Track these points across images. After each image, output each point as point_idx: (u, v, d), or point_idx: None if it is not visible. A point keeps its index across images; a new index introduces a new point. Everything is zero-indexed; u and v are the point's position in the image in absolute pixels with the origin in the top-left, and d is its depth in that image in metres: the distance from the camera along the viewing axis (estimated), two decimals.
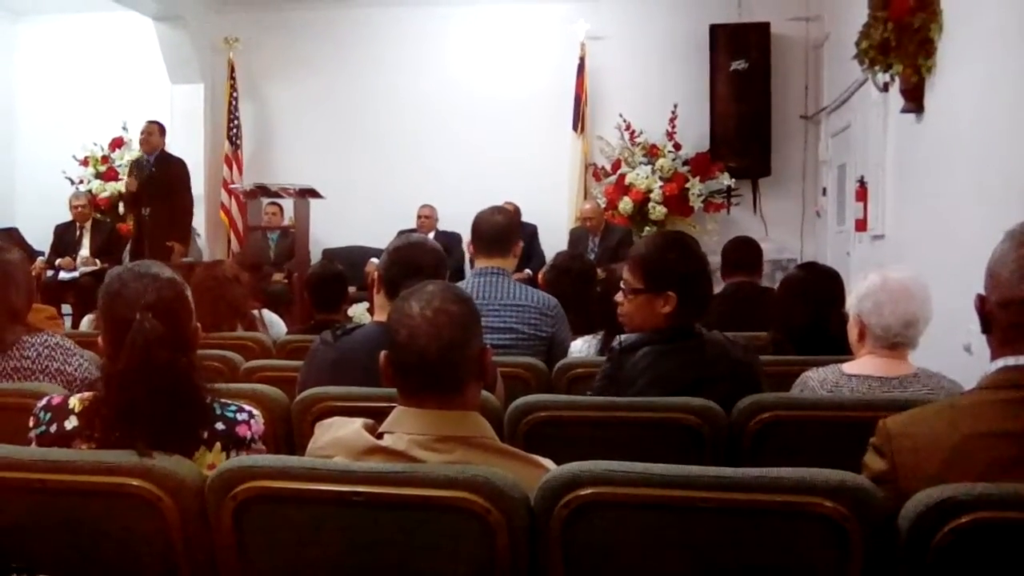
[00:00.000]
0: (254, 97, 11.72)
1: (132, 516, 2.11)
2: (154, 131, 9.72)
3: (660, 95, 10.56)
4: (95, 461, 2.13)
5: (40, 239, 10.35)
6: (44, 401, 2.37)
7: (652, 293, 3.13)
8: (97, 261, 9.89)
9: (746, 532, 1.88)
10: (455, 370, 2.10)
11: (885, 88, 6.70)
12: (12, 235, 9.98)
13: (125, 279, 2.35)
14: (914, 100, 6.03)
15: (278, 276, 10.21)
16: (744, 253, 5.77)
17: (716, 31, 10.41)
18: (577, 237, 9.88)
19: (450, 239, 10.15)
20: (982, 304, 2.07)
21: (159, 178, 9.52)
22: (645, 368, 3.02)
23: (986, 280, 2.06)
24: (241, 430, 2.34)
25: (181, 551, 2.09)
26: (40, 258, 9.93)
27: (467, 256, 9.94)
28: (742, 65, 10.15)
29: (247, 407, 2.41)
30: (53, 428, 2.30)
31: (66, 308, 9.51)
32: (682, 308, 3.09)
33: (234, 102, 11.44)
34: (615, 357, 3.12)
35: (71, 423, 2.29)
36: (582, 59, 10.80)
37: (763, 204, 10.62)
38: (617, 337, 3.22)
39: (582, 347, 4.18)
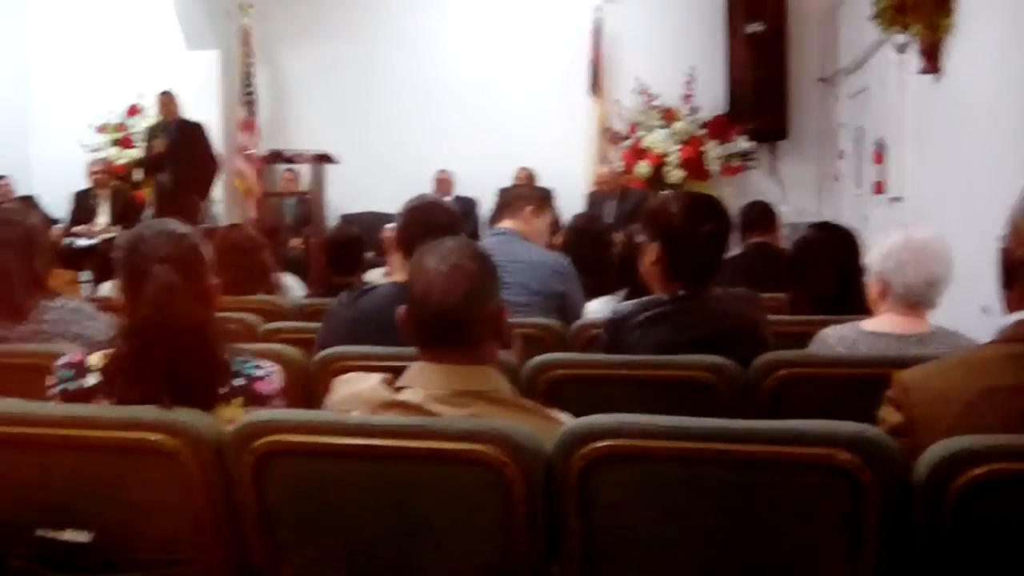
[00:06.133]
0: (269, 63, 11.71)
1: (152, 470, 2.13)
2: (170, 100, 9.94)
3: (676, 58, 10.49)
4: (115, 416, 2.15)
5: (57, 207, 10.38)
6: (65, 358, 2.39)
7: (646, 242, 3.14)
8: (115, 228, 9.92)
9: (762, 484, 1.88)
10: (472, 325, 2.11)
11: (903, 49, 6.65)
12: (30, 203, 10.02)
13: (143, 234, 2.36)
14: (932, 60, 5.98)
15: (295, 242, 10.23)
16: (758, 214, 5.74)
17: None
18: (594, 202, 9.87)
19: (466, 204, 10.16)
20: (1006, 257, 2.06)
21: (180, 144, 9.67)
22: (641, 338, 3.01)
23: (1010, 234, 2.05)
24: (260, 386, 2.36)
25: (201, 504, 2.11)
26: (58, 225, 9.96)
27: (482, 221, 10.03)
28: (759, 27, 10.02)
29: (266, 363, 2.43)
30: (73, 385, 2.33)
31: (84, 275, 9.54)
32: (667, 263, 3.06)
33: (249, 68, 11.42)
34: (611, 329, 3.12)
35: (91, 379, 2.31)
36: (598, 22, 10.74)
37: (780, 167, 10.57)
38: (614, 310, 3.22)
39: (600, 308, 4.19)
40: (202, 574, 2.18)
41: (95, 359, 2.34)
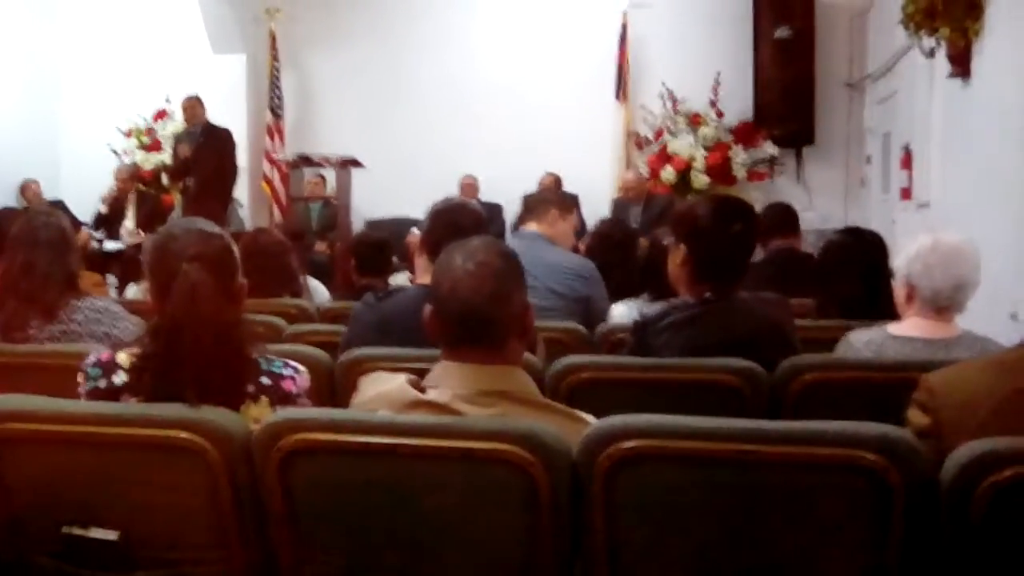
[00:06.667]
0: (296, 67, 11.75)
1: (179, 468, 2.14)
2: (196, 104, 10.01)
3: (703, 63, 10.45)
4: (143, 414, 2.17)
5: (86, 211, 10.43)
6: (93, 357, 2.40)
7: (674, 244, 3.14)
8: (142, 232, 9.95)
9: (788, 485, 1.88)
10: (497, 323, 2.11)
11: (931, 54, 6.62)
12: (59, 207, 10.07)
13: (173, 233, 2.37)
14: (961, 65, 5.96)
15: (320, 246, 10.26)
16: (780, 217, 5.67)
17: None
18: (619, 207, 9.83)
19: (491, 210, 10.14)
20: None
21: (207, 149, 9.74)
22: (667, 341, 3.01)
23: None
24: (287, 385, 2.37)
25: (227, 502, 2.12)
26: (85, 228, 10.00)
27: (508, 226, 10.02)
28: (786, 32, 9.96)
29: (292, 363, 2.44)
30: (102, 383, 2.34)
31: (110, 279, 9.58)
32: (694, 265, 3.06)
33: (276, 72, 11.46)
34: (638, 331, 3.12)
35: (119, 378, 2.33)
36: (624, 27, 10.71)
37: (807, 173, 10.51)
38: (640, 313, 3.22)
39: (624, 311, 4.18)
40: (227, 572, 2.19)
41: (124, 357, 2.35)
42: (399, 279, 8.30)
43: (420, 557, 2.04)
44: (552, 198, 4.71)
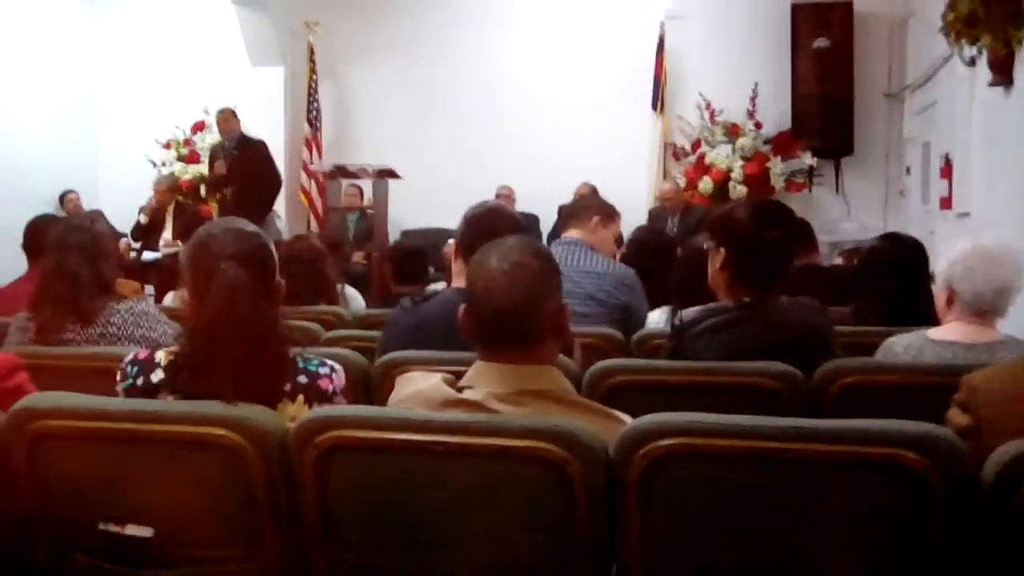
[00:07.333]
0: (334, 80, 11.82)
1: (216, 465, 2.14)
2: (229, 117, 10.11)
3: (741, 74, 10.44)
4: (181, 411, 2.18)
5: (125, 222, 10.50)
6: (131, 355, 2.42)
7: (713, 248, 3.12)
8: (179, 243, 10.00)
9: (828, 484, 1.86)
10: (532, 323, 2.10)
11: (972, 62, 6.57)
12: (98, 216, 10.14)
13: (212, 232, 2.38)
14: (1002, 73, 5.91)
15: (357, 256, 10.28)
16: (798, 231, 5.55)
17: (797, 9, 10.23)
18: (656, 217, 9.82)
19: (528, 220, 10.14)
20: None
21: (242, 160, 9.81)
22: (706, 344, 3.00)
23: None
24: (323, 383, 2.37)
25: (264, 499, 2.12)
26: (124, 239, 10.08)
27: (544, 237, 10.01)
28: (824, 43, 9.94)
29: (329, 361, 2.44)
30: (140, 381, 2.35)
31: (148, 289, 9.65)
32: (734, 270, 3.04)
33: (314, 85, 11.54)
34: (676, 335, 3.10)
35: (157, 376, 2.34)
36: (661, 38, 10.69)
37: (845, 183, 10.45)
38: (678, 314, 3.20)
39: (660, 318, 4.17)
40: (260, 570, 2.19)
41: (162, 356, 2.37)
42: (435, 288, 8.31)
43: (454, 554, 2.03)
44: (595, 204, 4.67)
